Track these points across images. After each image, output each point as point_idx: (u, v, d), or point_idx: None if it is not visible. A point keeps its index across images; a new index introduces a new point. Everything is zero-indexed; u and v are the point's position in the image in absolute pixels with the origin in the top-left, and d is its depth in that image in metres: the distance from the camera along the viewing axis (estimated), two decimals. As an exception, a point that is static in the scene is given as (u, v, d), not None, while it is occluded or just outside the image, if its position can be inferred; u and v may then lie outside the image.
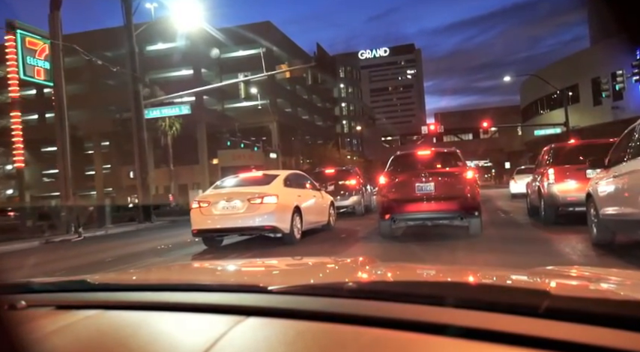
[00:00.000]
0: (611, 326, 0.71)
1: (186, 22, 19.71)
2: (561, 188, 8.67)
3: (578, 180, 8.39)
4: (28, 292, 1.13)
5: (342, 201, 13.96)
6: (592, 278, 1.35)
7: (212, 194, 8.26)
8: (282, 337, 0.82)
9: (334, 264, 1.90)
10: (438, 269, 1.69)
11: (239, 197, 7.72)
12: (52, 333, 0.90)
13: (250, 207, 7.59)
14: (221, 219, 7.66)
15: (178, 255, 7.95)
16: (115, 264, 7.02)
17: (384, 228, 8.17)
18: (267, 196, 7.66)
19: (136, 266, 6.23)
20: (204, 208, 7.81)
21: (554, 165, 9.13)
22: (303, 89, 56.33)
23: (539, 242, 7.06)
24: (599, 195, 5.82)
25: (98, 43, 36.40)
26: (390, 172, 8.34)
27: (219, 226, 7.70)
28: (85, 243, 12.61)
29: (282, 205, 7.80)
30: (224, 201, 7.75)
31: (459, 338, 0.75)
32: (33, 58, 19.80)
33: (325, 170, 15.92)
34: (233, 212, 7.63)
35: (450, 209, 7.72)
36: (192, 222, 7.92)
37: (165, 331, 0.92)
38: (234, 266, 1.97)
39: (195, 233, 7.99)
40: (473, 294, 0.97)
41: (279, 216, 7.70)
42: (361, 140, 71.15)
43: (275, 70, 21.75)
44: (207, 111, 46.05)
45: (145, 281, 1.42)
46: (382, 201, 8.15)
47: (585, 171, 8.30)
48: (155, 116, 20.03)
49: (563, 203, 8.66)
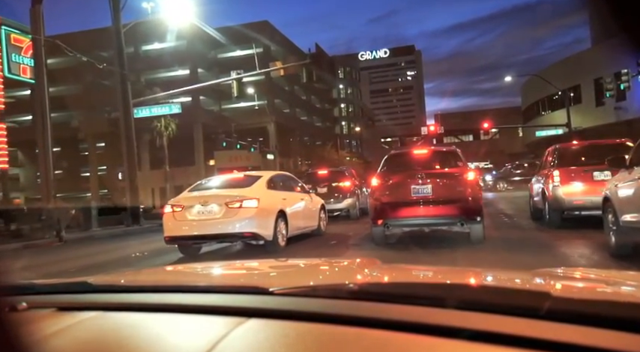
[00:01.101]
0: (614, 328, 0.71)
1: (183, 22, 19.19)
2: (567, 191, 8.23)
3: (585, 183, 8.08)
4: (28, 294, 1.12)
5: (336, 204, 13.27)
6: (594, 279, 1.37)
7: (186, 197, 7.51)
8: (283, 338, 0.82)
9: (335, 265, 1.89)
10: (439, 271, 1.68)
11: (216, 200, 7.01)
12: (52, 335, 0.90)
13: (228, 211, 6.88)
14: (196, 224, 6.95)
15: (150, 266, 7.24)
16: (75, 276, 6.27)
17: (376, 235, 7.48)
18: (247, 200, 6.95)
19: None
20: (177, 213, 7.09)
21: (559, 166, 8.65)
22: (302, 90, 55.83)
23: (547, 249, 6.45)
24: (620, 198, 5.12)
25: (95, 42, 35.73)
26: (383, 173, 7.63)
27: (194, 233, 6.98)
28: (62, 248, 11.98)
29: (264, 209, 7.11)
30: (199, 205, 7.02)
31: (460, 339, 0.74)
32: (18, 55, 19.15)
33: (318, 171, 15.18)
34: (209, 217, 6.92)
35: (449, 214, 7.02)
36: (165, 227, 7.23)
37: (166, 332, 0.91)
38: (234, 267, 2.00)
39: (168, 240, 7.29)
40: (474, 296, 0.98)
41: (261, 222, 7.00)
42: (360, 141, 70.57)
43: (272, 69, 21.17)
44: (203, 112, 45.49)
45: (146, 283, 1.38)
46: (374, 205, 7.45)
47: (592, 173, 8.11)
48: (144, 115, 19.39)
49: (569, 207, 8.27)
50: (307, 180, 13.80)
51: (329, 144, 55.58)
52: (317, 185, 13.32)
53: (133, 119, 18.37)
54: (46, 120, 14.80)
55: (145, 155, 44.85)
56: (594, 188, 7.63)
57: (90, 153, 46.87)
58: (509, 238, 7.82)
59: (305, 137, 55.63)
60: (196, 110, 44.32)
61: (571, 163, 8.62)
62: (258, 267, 1.86)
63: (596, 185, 7.63)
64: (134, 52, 44.99)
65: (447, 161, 7.89)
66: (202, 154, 43.75)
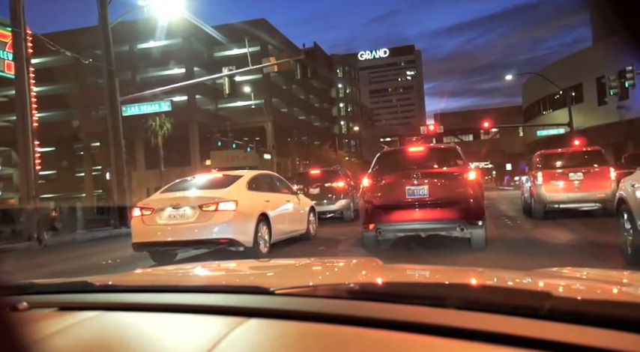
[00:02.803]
0: (614, 328, 0.72)
1: (179, 20, 18.64)
2: (548, 188, 10.19)
3: (563, 182, 10.23)
4: (29, 293, 1.12)
5: (329, 206, 12.61)
6: (594, 279, 1.38)
7: (157, 199, 6.76)
8: (283, 338, 0.83)
9: (335, 265, 1.89)
10: (439, 271, 1.68)
11: (189, 203, 6.32)
12: (53, 334, 0.90)
13: (202, 215, 6.18)
14: (166, 229, 6.22)
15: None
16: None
17: (367, 241, 6.84)
18: (224, 202, 6.24)
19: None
20: (146, 216, 6.38)
21: (542, 168, 10.49)
22: (300, 89, 55.26)
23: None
24: (639, 200, 4.45)
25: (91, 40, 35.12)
26: (375, 172, 6.96)
27: (164, 239, 6.26)
28: (40, 253, 11.37)
29: (243, 213, 6.44)
30: (171, 207, 6.29)
31: (460, 339, 0.75)
32: (3, 50, 18.47)
33: (310, 171, 14.49)
34: (181, 221, 6.19)
35: (447, 217, 6.33)
36: (133, 233, 6.55)
37: (166, 332, 0.91)
38: (235, 267, 2.01)
39: (136, 246, 6.60)
40: (474, 296, 0.97)
41: (239, 226, 6.33)
42: (359, 141, 69.99)
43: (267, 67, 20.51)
44: (199, 111, 44.91)
45: (147, 283, 1.38)
46: (365, 208, 6.78)
47: (568, 174, 10.23)
48: (133, 113, 18.75)
49: (550, 201, 10.25)
50: (299, 181, 13.17)
51: (327, 143, 54.97)
52: (309, 185, 12.68)
53: (121, 117, 17.73)
54: (27, 118, 14.15)
55: (140, 155, 44.30)
56: (570, 186, 10.11)
57: (85, 153, 46.26)
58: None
59: (303, 137, 55.01)
60: (192, 109, 43.74)
61: (552, 166, 10.55)
62: (259, 267, 1.86)
63: (571, 183, 10.13)
64: (129, 50, 44.49)
65: (445, 159, 7.18)
66: (198, 154, 43.20)
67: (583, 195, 10.00)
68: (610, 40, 30.77)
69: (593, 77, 34.12)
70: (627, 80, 20.82)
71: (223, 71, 18.58)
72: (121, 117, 17.27)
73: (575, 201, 10.21)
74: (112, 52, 17.28)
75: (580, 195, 10.04)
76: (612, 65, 28.24)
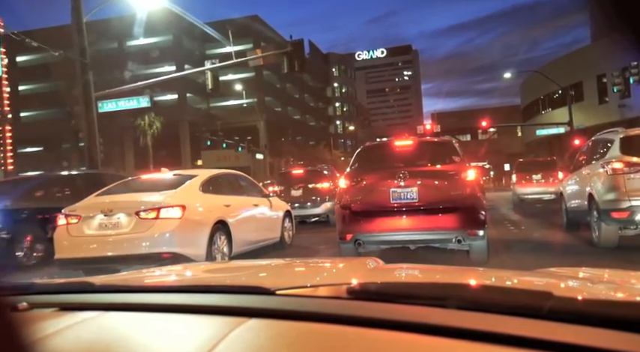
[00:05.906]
0: (615, 328, 0.72)
1: (170, 17, 17.63)
2: (519, 186, 16.42)
3: (528, 181, 16.23)
4: (30, 293, 1.12)
5: (313, 209, 11.49)
6: (595, 279, 1.38)
7: (86, 205, 5.50)
8: (284, 338, 0.83)
9: (335, 265, 1.89)
10: (439, 271, 1.68)
11: (124, 209, 5.17)
12: (54, 334, 0.90)
13: (139, 223, 5.05)
14: (95, 242, 5.06)
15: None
16: None
17: (345, 254, 5.70)
18: (166, 208, 5.09)
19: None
20: (72, 225, 5.20)
21: (516, 172, 16.90)
22: (295, 88, 54.22)
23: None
24: (567, 192, 5.54)
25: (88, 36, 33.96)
26: (354, 172, 5.83)
27: (92, 254, 5.10)
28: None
29: (193, 220, 5.30)
30: (101, 215, 5.17)
31: (461, 339, 0.75)
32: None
33: (292, 171, 13.31)
34: (114, 231, 5.06)
35: (441, 227, 5.21)
36: (55, 246, 5.37)
37: (167, 332, 0.91)
38: (235, 267, 2.03)
39: (60, 263, 5.40)
40: (474, 295, 0.98)
41: (186, 237, 5.18)
42: (356, 141, 68.94)
43: (259, 65, 19.43)
44: (190, 110, 43.78)
45: (147, 283, 1.38)
46: (342, 215, 5.63)
47: (532, 176, 16.12)
48: (111, 109, 17.64)
49: (520, 193, 16.42)
50: (280, 181, 12.07)
51: (322, 143, 53.92)
52: (291, 187, 11.57)
53: (96, 114, 16.58)
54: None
55: (129, 154, 43.19)
56: (532, 184, 16.11)
57: (72, 153, 45.09)
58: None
59: (298, 136, 53.91)
60: (183, 108, 42.65)
61: (523, 170, 16.62)
62: (259, 267, 1.86)
63: (533, 182, 16.11)
64: (118, 47, 43.35)
65: (439, 155, 5.97)
66: (189, 154, 42.14)
67: (540, 189, 15.94)
68: (610, 37, 29.87)
69: (593, 75, 33.25)
70: (632, 75, 19.83)
71: (206, 65, 17.52)
72: (97, 115, 16.17)
73: (536, 193, 16.10)
74: (85, 41, 16.15)
75: (538, 190, 16.00)
76: (614, 62, 27.33)
